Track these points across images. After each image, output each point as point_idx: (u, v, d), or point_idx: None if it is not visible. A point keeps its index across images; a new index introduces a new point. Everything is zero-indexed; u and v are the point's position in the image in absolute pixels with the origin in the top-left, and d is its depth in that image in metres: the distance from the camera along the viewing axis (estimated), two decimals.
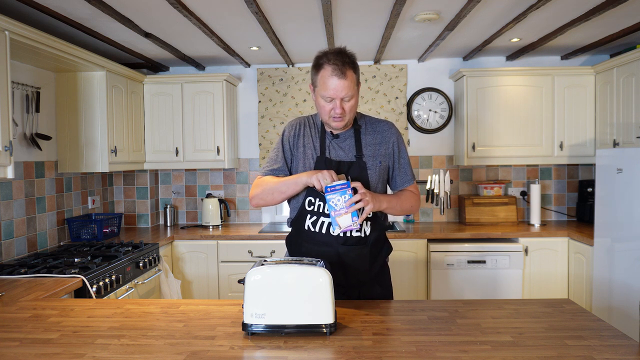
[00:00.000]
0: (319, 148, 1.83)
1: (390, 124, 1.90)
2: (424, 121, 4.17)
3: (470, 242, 3.54)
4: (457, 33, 3.28)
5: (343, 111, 1.72)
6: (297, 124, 1.90)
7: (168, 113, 3.92)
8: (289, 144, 1.87)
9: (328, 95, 1.70)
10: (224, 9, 2.70)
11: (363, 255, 1.79)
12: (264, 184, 1.83)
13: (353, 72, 1.72)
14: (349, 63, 1.71)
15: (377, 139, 1.85)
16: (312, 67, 1.79)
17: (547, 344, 1.35)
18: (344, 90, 1.69)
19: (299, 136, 1.87)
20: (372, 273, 1.84)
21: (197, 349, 1.34)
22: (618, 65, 3.41)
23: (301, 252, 1.82)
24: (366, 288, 1.85)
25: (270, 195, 1.81)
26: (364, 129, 1.86)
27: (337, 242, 1.76)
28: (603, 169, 3.14)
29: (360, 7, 2.72)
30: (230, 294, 3.66)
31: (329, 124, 1.79)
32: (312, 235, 1.79)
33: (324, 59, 1.72)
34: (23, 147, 2.98)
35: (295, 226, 1.86)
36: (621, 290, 2.91)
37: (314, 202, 1.78)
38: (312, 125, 1.89)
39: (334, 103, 1.71)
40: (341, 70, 1.68)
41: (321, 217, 1.77)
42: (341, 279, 1.78)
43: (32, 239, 3.06)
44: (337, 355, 1.29)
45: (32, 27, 2.47)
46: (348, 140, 1.84)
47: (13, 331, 1.53)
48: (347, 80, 1.69)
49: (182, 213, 4.34)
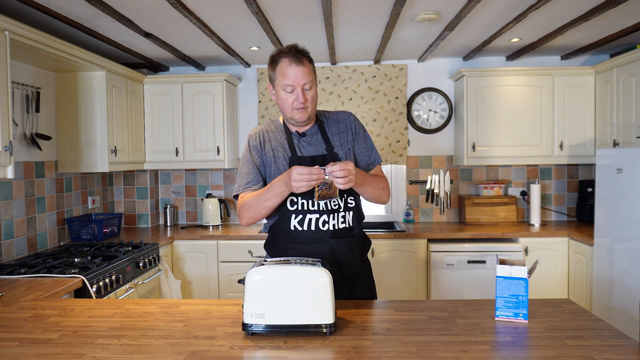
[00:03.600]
0: (289, 148, 1.83)
1: (349, 113, 1.94)
2: (424, 121, 4.17)
3: (470, 242, 3.54)
4: (457, 33, 3.28)
5: (306, 100, 1.73)
6: (258, 133, 1.88)
7: (168, 113, 3.92)
8: (257, 153, 1.85)
9: (289, 84, 1.72)
10: (224, 9, 2.70)
11: (353, 248, 1.81)
12: (247, 202, 1.78)
13: (309, 61, 1.76)
14: (303, 53, 1.75)
15: (340, 128, 1.88)
16: (268, 65, 1.80)
17: (547, 344, 1.35)
18: (304, 76, 1.72)
19: (264, 142, 1.86)
20: (361, 266, 1.87)
21: (197, 349, 1.34)
22: (618, 65, 3.41)
23: (288, 254, 1.77)
24: (356, 282, 1.86)
25: (258, 212, 1.76)
26: (327, 122, 1.89)
27: (327, 236, 1.76)
28: (603, 169, 3.14)
29: (360, 7, 2.72)
30: (230, 294, 3.66)
31: (293, 117, 1.78)
32: (299, 234, 1.77)
33: (279, 53, 1.76)
34: (23, 147, 2.98)
35: (276, 230, 1.83)
36: (621, 290, 2.91)
37: (296, 201, 1.76)
38: (274, 129, 1.89)
39: (296, 93, 1.72)
40: (298, 59, 1.72)
41: (307, 215, 1.76)
42: (335, 274, 1.77)
43: (32, 239, 3.06)
44: (337, 355, 1.29)
45: (32, 27, 2.47)
46: (315, 136, 1.85)
47: (13, 331, 1.53)
48: (305, 67, 1.73)
49: (182, 213, 4.34)
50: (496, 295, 1.54)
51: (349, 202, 1.82)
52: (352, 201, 1.83)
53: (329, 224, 1.76)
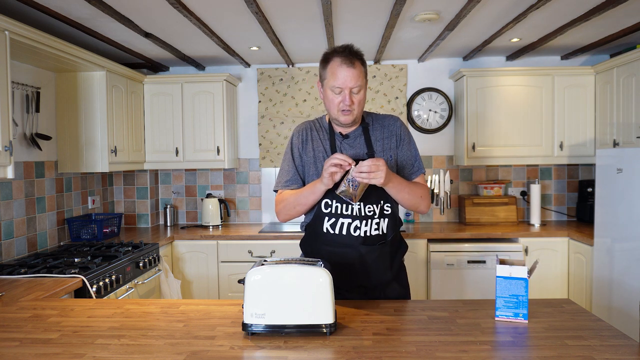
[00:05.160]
0: (330, 149, 1.81)
1: (396, 118, 1.89)
2: (424, 121, 4.17)
3: (470, 242, 3.54)
4: (457, 33, 3.28)
5: (352, 103, 1.71)
6: (303, 130, 1.88)
7: (168, 113, 3.92)
8: (298, 151, 1.86)
9: (337, 85, 1.70)
10: (224, 9, 2.70)
11: (384, 255, 1.78)
12: (284, 200, 1.83)
13: (361, 64, 1.73)
14: (357, 55, 1.73)
15: (384, 133, 1.84)
16: (320, 63, 1.79)
17: (547, 344, 1.35)
18: (353, 79, 1.69)
19: (307, 141, 1.86)
20: (393, 272, 1.84)
21: (197, 349, 1.34)
22: (618, 65, 3.41)
23: (320, 255, 1.78)
24: (388, 288, 1.84)
25: (293, 209, 1.81)
26: (372, 126, 1.85)
27: (357, 242, 1.75)
28: (603, 169, 3.14)
29: (360, 7, 2.72)
30: (230, 294, 3.66)
31: (337, 119, 1.77)
32: (331, 237, 1.77)
33: (332, 52, 1.74)
34: (23, 147, 2.98)
35: (311, 230, 1.84)
36: (621, 290, 2.91)
37: (330, 204, 1.76)
38: (319, 128, 1.88)
39: (343, 95, 1.71)
40: (350, 60, 1.70)
41: (340, 219, 1.76)
42: (364, 281, 1.78)
43: (32, 239, 3.06)
44: (337, 355, 1.29)
45: (32, 27, 2.47)
46: (358, 139, 1.83)
47: (13, 331, 1.53)
48: (356, 70, 1.70)
49: (182, 213, 4.34)
50: (496, 295, 1.54)
51: (385, 209, 1.78)
52: (388, 208, 1.79)
53: (361, 230, 1.75)
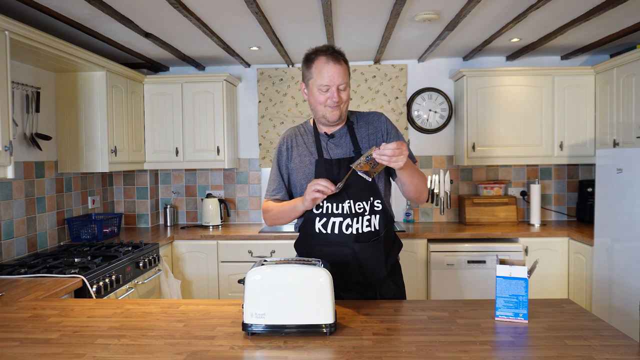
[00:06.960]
0: (316, 151, 1.83)
1: (380, 114, 1.90)
2: (424, 121, 4.17)
3: (470, 242, 3.54)
4: (457, 33, 3.28)
5: (340, 99, 1.73)
6: (288, 137, 1.91)
7: (168, 113, 3.92)
8: (284, 159, 1.89)
9: (325, 83, 1.71)
10: (224, 9, 2.70)
11: (378, 251, 1.79)
12: (269, 210, 1.89)
13: (345, 62, 1.77)
14: (340, 54, 1.76)
15: (370, 130, 1.85)
16: (303, 63, 1.80)
17: (547, 344, 1.35)
18: (340, 76, 1.72)
19: (292, 148, 1.88)
20: (387, 270, 1.84)
21: (197, 349, 1.34)
22: (618, 65, 3.41)
23: (314, 255, 1.79)
24: (382, 286, 1.84)
25: (277, 221, 1.88)
26: (357, 124, 1.87)
27: (350, 240, 1.75)
28: (603, 169, 3.14)
29: (360, 7, 2.72)
30: (230, 294, 3.66)
31: (325, 116, 1.77)
32: (323, 237, 1.78)
33: (315, 52, 1.77)
34: (23, 147, 2.98)
35: (304, 231, 1.85)
36: (621, 290, 2.91)
37: (321, 204, 1.77)
38: (304, 132, 1.90)
39: (331, 91, 1.72)
40: (335, 57, 1.73)
41: (331, 218, 1.76)
42: (359, 278, 1.78)
43: (32, 239, 3.06)
44: (337, 355, 1.29)
45: (32, 27, 2.47)
46: (344, 137, 1.84)
47: (13, 331, 1.53)
48: (342, 67, 1.73)
49: (182, 213, 4.34)
50: (496, 295, 1.54)
51: (375, 206, 1.78)
52: (378, 204, 1.79)
53: (352, 228, 1.75)
